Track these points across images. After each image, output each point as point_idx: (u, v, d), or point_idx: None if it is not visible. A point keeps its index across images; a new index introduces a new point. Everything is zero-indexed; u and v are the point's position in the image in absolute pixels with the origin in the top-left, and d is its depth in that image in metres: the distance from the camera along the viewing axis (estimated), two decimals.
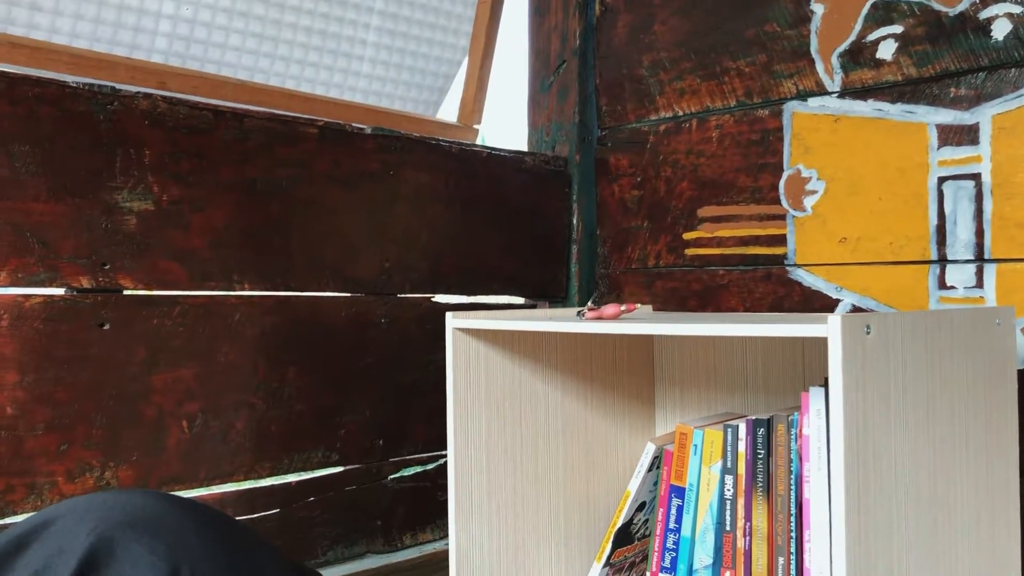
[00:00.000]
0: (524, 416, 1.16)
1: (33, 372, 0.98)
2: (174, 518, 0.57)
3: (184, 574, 0.54)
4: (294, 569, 0.64)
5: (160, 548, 0.54)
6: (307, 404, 1.21)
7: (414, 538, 1.34)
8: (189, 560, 0.55)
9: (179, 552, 0.55)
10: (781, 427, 0.99)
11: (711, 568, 1.05)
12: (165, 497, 0.60)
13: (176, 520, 0.57)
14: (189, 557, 0.55)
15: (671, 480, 1.08)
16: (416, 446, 1.34)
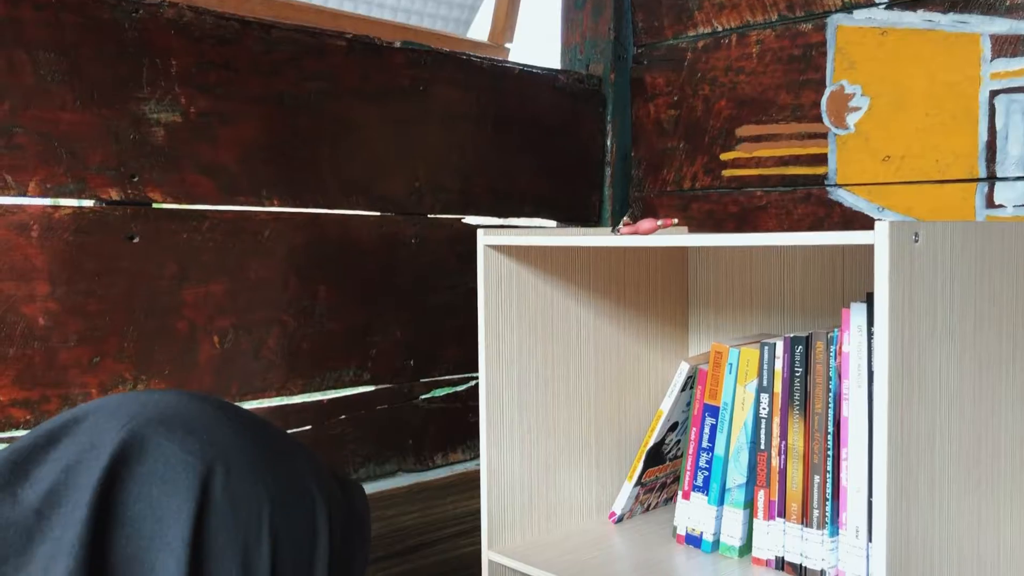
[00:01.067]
0: (556, 336, 1.14)
1: (64, 284, 0.98)
2: (209, 417, 0.56)
3: (218, 473, 0.52)
4: (334, 478, 0.63)
5: (194, 446, 0.53)
6: (338, 323, 1.21)
7: (445, 458, 1.35)
8: (224, 459, 0.53)
9: (213, 451, 0.53)
10: (820, 344, 0.96)
11: (744, 487, 1.04)
12: (200, 397, 0.59)
13: (211, 419, 0.56)
14: (224, 456, 0.53)
15: (705, 399, 1.07)
16: (447, 368, 1.34)
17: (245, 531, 0.51)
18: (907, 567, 0.74)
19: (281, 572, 0.53)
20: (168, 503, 0.49)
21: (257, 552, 0.51)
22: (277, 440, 0.59)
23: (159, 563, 0.48)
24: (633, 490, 1.16)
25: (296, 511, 0.55)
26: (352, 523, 0.61)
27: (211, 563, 0.50)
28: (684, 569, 1.02)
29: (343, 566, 0.59)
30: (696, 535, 1.07)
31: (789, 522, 0.99)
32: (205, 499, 0.50)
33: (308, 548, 0.55)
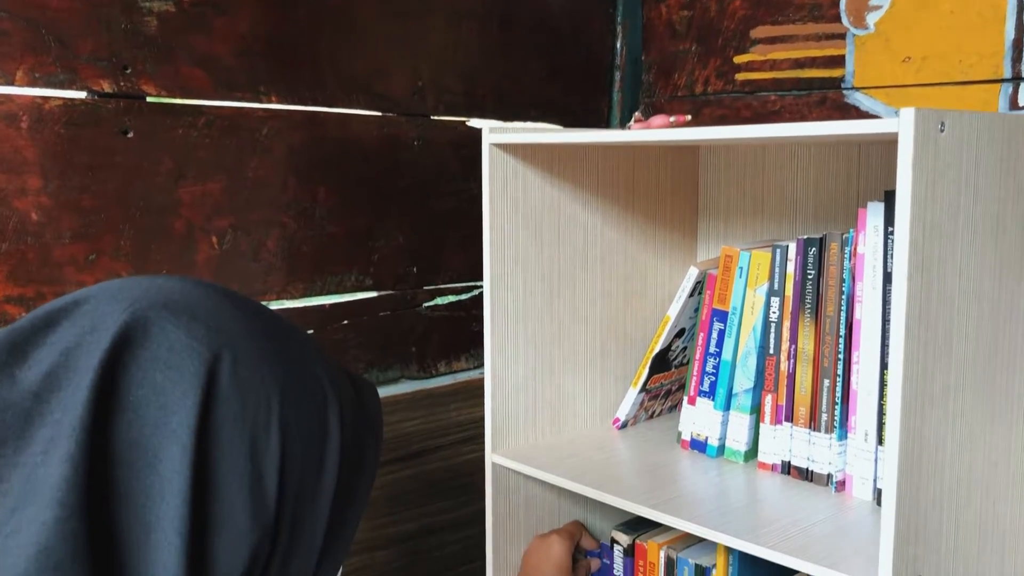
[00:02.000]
0: (562, 241, 1.12)
1: (57, 178, 0.95)
2: (215, 303, 0.53)
3: (226, 360, 0.49)
4: (343, 372, 0.60)
5: (199, 331, 0.50)
6: (339, 226, 1.18)
7: (448, 366, 1.33)
8: (231, 347, 0.50)
9: (220, 337, 0.50)
10: (834, 246, 0.94)
11: (751, 392, 1.03)
12: (206, 283, 0.56)
13: (217, 306, 0.53)
14: (231, 344, 0.50)
15: (714, 304, 1.05)
16: (451, 275, 1.32)
17: (253, 422, 0.49)
18: (918, 469, 0.73)
19: (290, 466, 0.50)
20: (173, 390, 0.47)
21: (266, 444, 0.49)
22: (286, 331, 0.56)
23: (163, 450, 0.46)
24: (638, 397, 1.15)
25: (307, 404, 0.52)
26: (364, 421, 0.59)
27: (217, 452, 0.47)
28: (688, 473, 1.02)
29: (354, 464, 0.57)
30: (701, 440, 1.07)
31: (797, 426, 0.98)
32: (211, 387, 0.48)
33: (319, 443, 0.53)
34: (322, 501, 0.53)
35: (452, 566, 1.35)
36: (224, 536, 0.47)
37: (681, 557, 1.04)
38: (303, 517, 0.52)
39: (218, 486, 0.47)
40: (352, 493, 0.56)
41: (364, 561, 1.24)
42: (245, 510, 0.48)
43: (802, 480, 0.98)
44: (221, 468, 0.47)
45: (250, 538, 0.48)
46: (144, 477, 0.45)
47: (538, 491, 1.14)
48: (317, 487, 0.52)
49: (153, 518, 0.45)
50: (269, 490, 0.49)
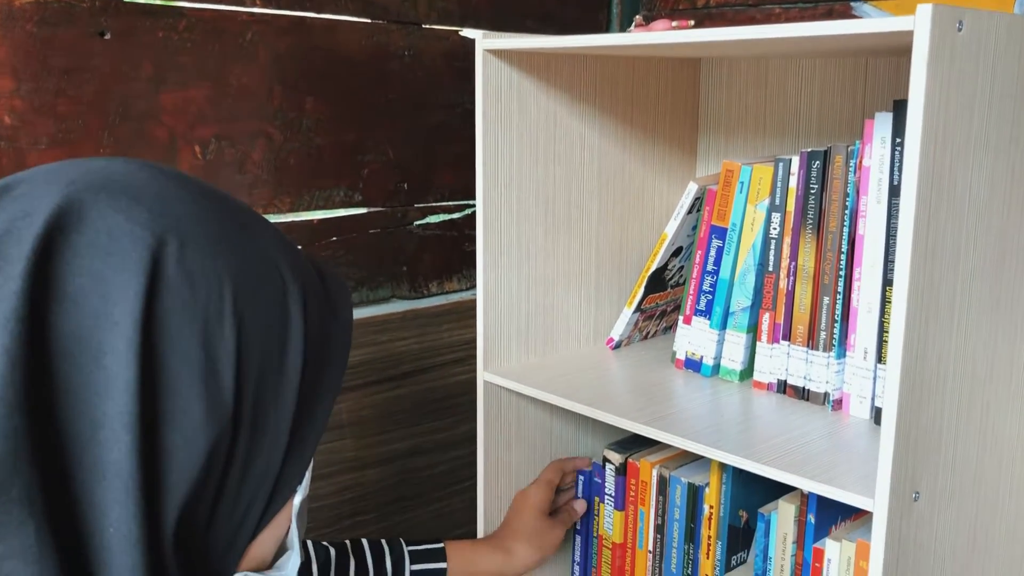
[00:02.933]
0: (558, 155, 1.08)
1: (30, 80, 0.91)
2: (160, 186, 0.48)
3: (171, 245, 0.45)
4: (309, 262, 0.56)
5: (142, 216, 0.46)
6: (327, 138, 1.14)
7: (440, 286, 1.31)
8: (177, 231, 0.46)
9: (164, 222, 0.46)
10: (839, 159, 0.91)
11: (748, 310, 1.00)
12: (153, 165, 0.51)
13: (162, 188, 0.48)
14: (177, 228, 0.46)
15: (712, 221, 1.02)
16: (443, 193, 1.28)
17: (204, 311, 0.45)
18: (920, 385, 0.71)
19: (248, 358, 0.47)
20: (114, 278, 0.43)
21: (220, 335, 0.46)
22: (241, 216, 0.51)
23: (107, 343, 0.42)
24: (632, 316, 1.13)
25: (264, 294, 0.49)
26: (330, 313, 0.55)
27: (166, 344, 0.44)
28: (682, 391, 1.00)
29: (320, 357, 0.54)
30: (696, 359, 1.05)
31: (794, 345, 0.96)
32: (156, 275, 0.44)
33: (279, 334, 0.50)
34: (286, 396, 0.50)
35: (443, 485, 1.35)
36: (178, 433, 0.44)
37: (674, 476, 1.04)
38: (265, 412, 0.49)
39: (169, 380, 0.44)
40: (319, 388, 0.53)
41: (355, 480, 1.24)
42: (200, 405, 0.45)
43: (798, 399, 0.96)
44: (171, 361, 0.44)
45: (206, 434, 0.45)
46: (88, 371, 0.42)
47: (530, 410, 1.12)
48: (279, 381, 0.50)
49: (100, 414, 0.42)
50: (225, 384, 0.46)
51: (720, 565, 1.00)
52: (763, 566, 0.95)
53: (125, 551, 0.42)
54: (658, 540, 1.06)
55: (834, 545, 0.89)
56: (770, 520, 0.94)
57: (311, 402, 0.53)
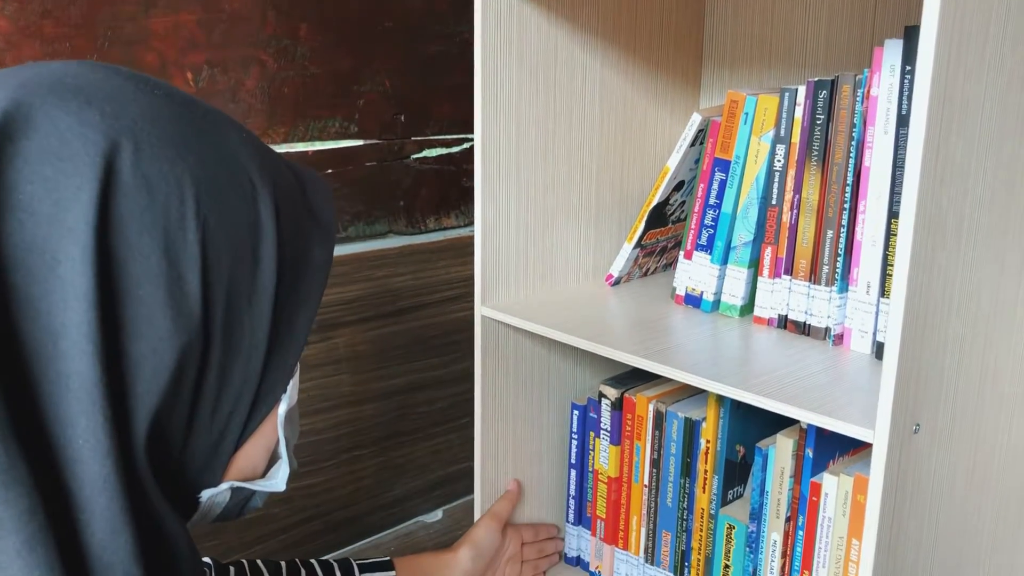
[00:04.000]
0: (559, 85, 1.06)
1: (14, 0, 0.88)
2: (114, 87, 0.46)
3: (125, 149, 0.43)
4: (283, 164, 0.54)
5: (94, 118, 0.44)
6: (322, 67, 1.11)
7: (437, 222, 1.29)
8: (132, 134, 0.44)
9: (119, 124, 0.44)
10: (846, 88, 0.88)
11: (750, 245, 0.99)
12: (108, 66, 0.48)
13: (118, 88, 0.46)
14: (132, 130, 0.44)
15: (716, 153, 1.00)
16: (440, 126, 1.26)
17: (165, 216, 0.44)
18: (924, 317, 0.70)
19: (215, 264, 0.46)
20: (66, 184, 0.42)
21: (182, 239, 0.44)
22: (207, 118, 0.49)
23: (62, 251, 0.41)
24: (632, 252, 1.11)
25: (230, 197, 0.47)
26: (308, 216, 0.54)
27: (124, 251, 0.43)
28: (682, 326, 0.99)
29: (298, 261, 0.52)
30: (696, 295, 1.04)
31: (796, 280, 0.95)
32: (110, 179, 0.43)
33: (249, 238, 0.48)
34: (260, 301, 0.49)
35: (440, 422, 1.34)
36: (144, 342, 0.43)
37: (671, 411, 1.03)
38: (239, 319, 0.48)
39: (129, 288, 0.43)
40: (297, 292, 0.52)
41: (353, 414, 1.24)
42: (165, 314, 0.44)
43: (799, 334, 0.95)
44: (131, 268, 0.43)
45: (174, 342, 0.44)
46: (44, 281, 0.41)
47: (528, 345, 1.11)
48: (253, 288, 0.48)
49: (59, 325, 0.41)
50: (191, 290, 0.45)
51: (716, 499, 1.00)
52: (760, 500, 0.95)
53: (96, 461, 0.42)
54: (654, 474, 1.06)
55: (832, 479, 0.89)
56: (768, 454, 0.94)
57: (291, 309, 0.52)
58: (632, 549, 1.11)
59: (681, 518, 1.04)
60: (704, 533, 1.02)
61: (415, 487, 1.33)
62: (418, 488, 1.34)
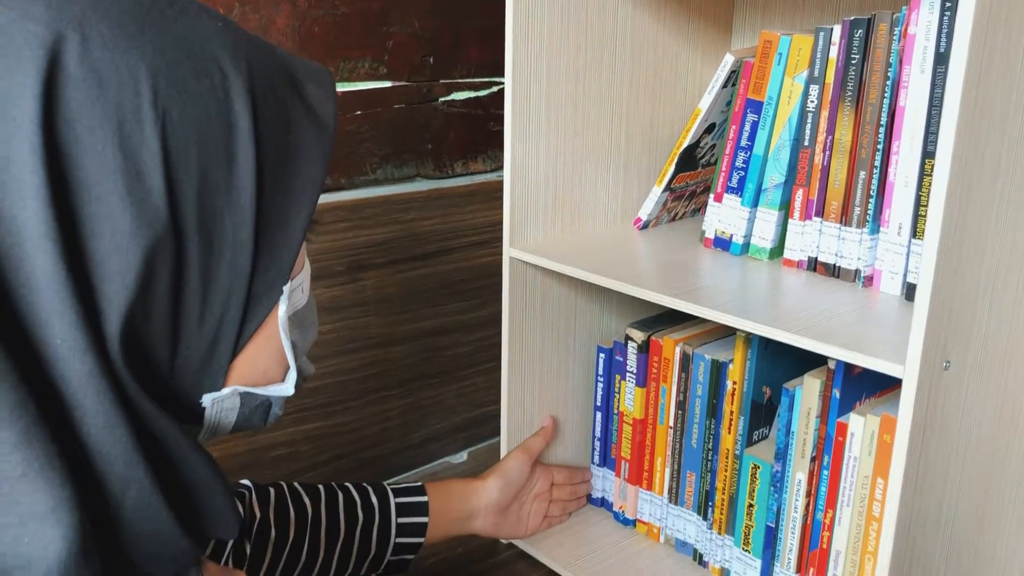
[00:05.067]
0: (591, 26, 1.05)
1: None
2: None
3: (72, 40, 0.42)
4: (280, 57, 0.52)
5: (36, 10, 0.43)
6: (352, 6, 1.11)
7: (465, 167, 1.29)
8: (79, 25, 0.43)
9: (64, 16, 0.43)
10: (883, 27, 0.87)
11: (781, 187, 0.99)
12: None
13: None
14: (79, 22, 0.43)
15: (748, 94, 0.99)
16: (468, 70, 1.25)
17: (117, 108, 0.43)
18: (958, 252, 0.70)
19: (180, 159, 0.45)
20: (9, 79, 0.41)
21: (139, 133, 0.43)
22: (171, 4, 0.47)
23: (11, 148, 0.41)
24: (661, 195, 1.11)
25: (195, 88, 0.45)
26: (299, 106, 0.51)
27: (75, 147, 0.42)
28: (711, 268, 0.99)
29: (282, 153, 0.50)
30: (725, 238, 1.04)
31: (827, 221, 0.95)
32: (55, 72, 0.42)
33: (220, 133, 0.46)
34: (240, 199, 0.48)
35: (465, 365, 1.36)
36: (106, 239, 0.43)
37: (697, 353, 1.04)
38: (217, 216, 0.47)
39: (86, 184, 0.42)
40: (289, 188, 0.51)
41: (380, 356, 1.25)
42: (125, 210, 0.43)
43: (828, 276, 0.96)
44: (85, 164, 0.42)
45: (139, 240, 0.44)
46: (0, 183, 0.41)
47: (555, 288, 1.12)
48: (229, 183, 0.47)
49: (20, 225, 0.41)
50: (153, 186, 0.44)
51: (742, 439, 1.01)
52: (785, 440, 0.96)
53: (77, 359, 0.42)
54: (679, 416, 1.07)
55: (858, 419, 0.89)
56: (794, 395, 0.94)
57: (282, 205, 0.50)
58: (656, 489, 1.12)
59: (706, 459, 1.05)
60: (729, 473, 1.03)
61: (441, 428, 1.35)
62: (444, 429, 1.36)
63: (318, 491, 0.91)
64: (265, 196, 0.49)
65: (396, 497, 0.95)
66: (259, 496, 0.87)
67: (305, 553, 0.88)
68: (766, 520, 0.99)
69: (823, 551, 0.95)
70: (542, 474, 1.11)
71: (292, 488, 0.90)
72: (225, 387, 0.52)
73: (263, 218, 0.49)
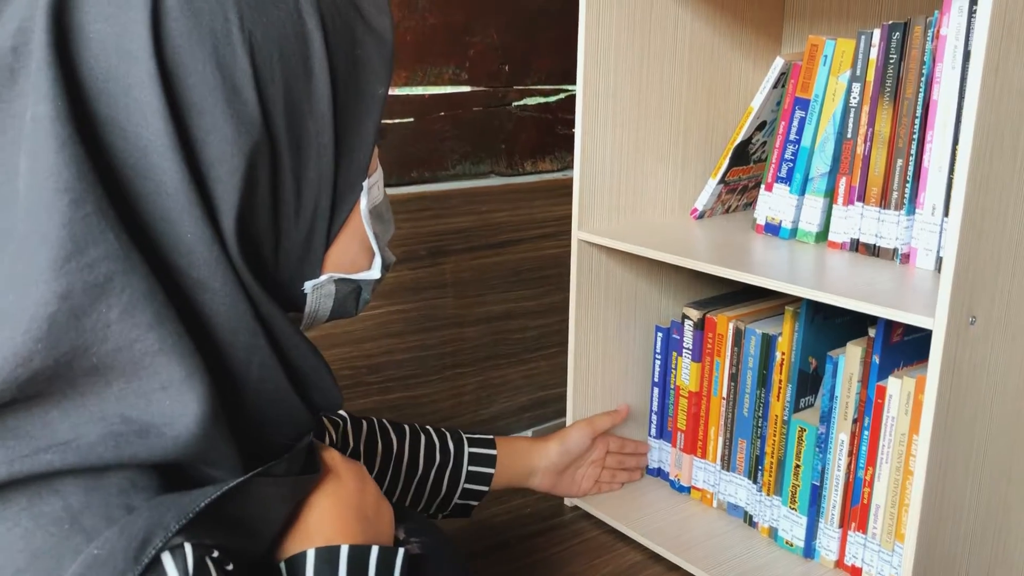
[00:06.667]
0: (653, 36, 1.17)
1: None
2: None
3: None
4: None
5: None
6: (439, 19, 1.25)
7: (534, 165, 1.42)
8: None
9: None
10: (918, 29, 0.98)
11: (827, 176, 1.09)
12: None
13: None
14: None
15: (796, 93, 1.10)
16: (540, 76, 1.38)
17: (212, 36, 0.50)
18: (981, 217, 0.80)
19: (267, 73, 0.52)
20: (124, 17, 0.48)
21: (231, 54, 0.50)
22: None
23: (132, 76, 0.48)
24: (716, 187, 1.22)
25: (273, 11, 0.52)
26: (361, 24, 0.57)
27: (182, 70, 0.49)
28: (761, 250, 1.10)
29: (353, 66, 0.56)
30: (775, 224, 1.14)
31: (868, 206, 1.05)
32: (158, 7, 0.49)
33: (298, 49, 0.53)
34: (319, 106, 0.54)
35: (532, 348, 1.47)
36: (214, 148, 0.50)
37: (749, 328, 1.14)
38: (301, 123, 0.54)
39: (193, 102, 0.49)
40: (359, 96, 0.57)
41: (455, 335, 1.37)
42: (227, 120, 0.50)
43: (869, 256, 1.05)
44: (191, 84, 0.49)
45: (241, 146, 0.51)
46: (124, 106, 0.48)
47: (618, 270, 1.23)
48: (309, 93, 0.54)
49: (145, 142, 0.48)
50: (248, 99, 0.51)
51: (789, 406, 1.11)
52: (829, 404, 1.05)
53: (205, 248, 0.50)
54: (732, 387, 1.17)
55: (895, 382, 0.99)
56: (838, 362, 1.04)
57: (354, 112, 0.57)
58: (710, 457, 1.22)
59: (756, 426, 1.15)
60: (777, 438, 1.12)
61: (509, 407, 1.47)
62: (511, 408, 1.47)
63: (404, 430, 1.02)
64: (340, 104, 0.56)
65: (469, 447, 1.06)
66: (353, 427, 0.98)
67: (386, 484, 0.99)
68: (811, 479, 1.09)
69: (864, 506, 1.04)
70: (600, 444, 1.22)
71: (381, 424, 1.01)
72: (322, 275, 0.61)
73: (340, 123, 0.56)
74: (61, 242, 0.45)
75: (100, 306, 0.46)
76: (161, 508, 0.48)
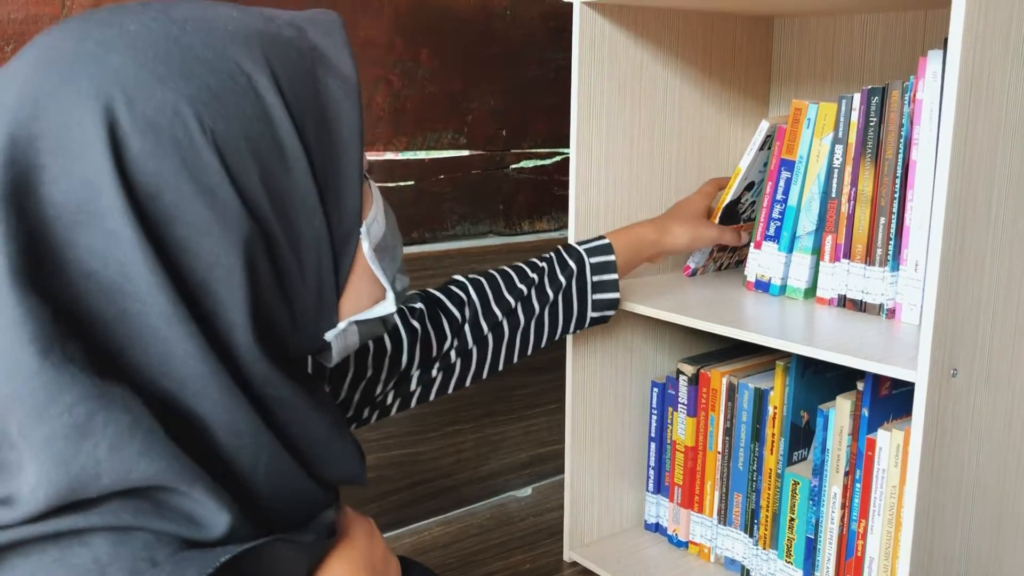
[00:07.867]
0: (644, 99, 1.22)
1: None
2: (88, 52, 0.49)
3: (119, 102, 0.48)
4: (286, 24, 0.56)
5: (82, 85, 0.48)
6: (438, 86, 1.30)
7: (531, 225, 1.46)
8: (120, 85, 0.48)
9: (105, 81, 0.48)
10: (895, 94, 1.02)
11: (813, 234, 1.13)
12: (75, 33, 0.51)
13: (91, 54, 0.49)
14: (119, 82, 0.49)
15: (782, 155, 1.14)
16: (536, 140, 1.43)
17: (175, 145, 0.49)
18: (958, 273, 0.83)
19: (239, 164, 0.51)
20: (84, 150, 0.48)
21: (198, 158, 0.49)
22: (183, 26, 0.51)
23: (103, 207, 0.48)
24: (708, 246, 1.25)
25: (229, 99, 0.50)
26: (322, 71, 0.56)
27: (152, 188, 0.49)
28: (752, 305, 1.13)
29: (320, 120, 0.55)
30: (765, 280, 1.17)
31: (853, 262, 1.08)
32: (115, 134, 0.48)
33: (264, 128, 0.52)
34: (297, 173, 0.53)
35: (531, 405, 1.49)
36: (206, 252, 0.50)
37: (742, 383, 1.16)
38: (286, 197, 0.53)
39: (173, 216, 0.49)
40: (331, 143, 0.56)
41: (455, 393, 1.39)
42: (213, 224, 0.50)
43: (856, 311, 1.08)
44: (167, 200, 0.49)
45: (232, 243, 0.51)
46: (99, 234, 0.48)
47: (614, 327, 1.26)
48: (285, 166, 0.53)
49: (126, 268, 0.48)
50: (227, 197, 0.50)
51: (783, 459, 1.13)
52: (821, 456, 1.07)
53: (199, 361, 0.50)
54: (726, 442, 1.19)
55: (885, 434, 1.01)
56: (828, 415, 1.06)
57: (333, 159, 0.56)
58: (706, 511, 1.23)
59: (751, 479, 1.17)
60: (772, 491, 1.14)
61: (508, 463, 1.48)
62: (511, 465, 1.48)
63: (523, 270, 1.10)
64: (316, 161, 0.55)
65: (589, 257, 1.09)
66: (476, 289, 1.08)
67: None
68: (806, 532, 1.10)
69: (858, 559, 1.05)
70: (701, 198, 1.22)
71: (490, 276, 1.10)
72: (340, 321, 0.62)
73: (321, 178, 0.55)
74: (33, 393, 0.46)
75: (86, 446, 0.47)
76: (183, 563, 0.50)
